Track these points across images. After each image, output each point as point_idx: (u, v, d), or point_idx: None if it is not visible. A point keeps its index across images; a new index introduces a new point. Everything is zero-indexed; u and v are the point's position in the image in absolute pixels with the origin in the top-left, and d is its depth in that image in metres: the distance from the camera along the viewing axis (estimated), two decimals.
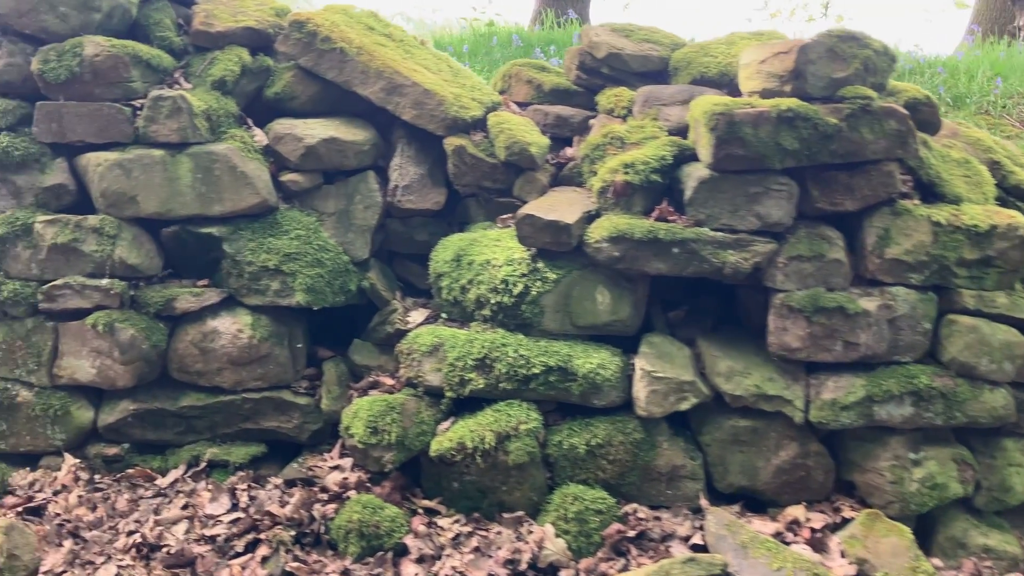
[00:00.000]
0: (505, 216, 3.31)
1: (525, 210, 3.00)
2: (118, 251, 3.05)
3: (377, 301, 3.30)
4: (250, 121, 3.35)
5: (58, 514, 2.86)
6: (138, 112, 3.13)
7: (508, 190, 3.34)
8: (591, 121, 3.49)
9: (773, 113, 2.78)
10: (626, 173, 2.98)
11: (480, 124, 3.39)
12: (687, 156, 3.06)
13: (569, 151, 3.48)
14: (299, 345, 3.24)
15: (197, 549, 2.75)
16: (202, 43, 3.38)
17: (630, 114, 3.39)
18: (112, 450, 3.12)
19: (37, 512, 2.89)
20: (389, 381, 3.14)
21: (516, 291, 3.01)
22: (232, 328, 3.10)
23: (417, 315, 3.29)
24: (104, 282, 3.05)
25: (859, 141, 2.84)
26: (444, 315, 3.21)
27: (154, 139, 3.09)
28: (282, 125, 3.28)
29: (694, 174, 2.92)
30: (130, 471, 3.08)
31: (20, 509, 2.86)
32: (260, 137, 3.27)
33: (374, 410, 2.97)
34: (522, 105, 3.69)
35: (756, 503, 3.04)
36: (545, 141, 3.35)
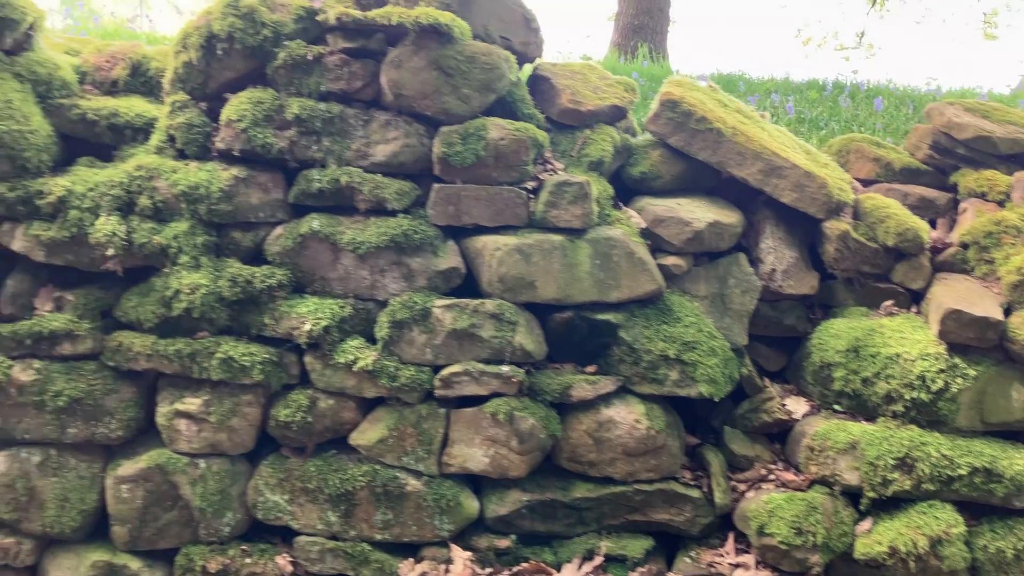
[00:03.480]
0: (887, 303, 3.23)
1: (950, 305, 2.91)
2: (517, 337, 2.97)
3: (750, 389, 3.21)
4: (621, 203, 3.28)
5: None
6: (532, 196, 3.06)
7: (885, 275, 3.26)
8: (961, 204, 3.41)
9: None
10: None
11: (845, 206, 3.32)
12: None
13: (934, 234, 3.40)
14: (682, 434, 3.15)
15: None
16: (568, 121, 3.31)
17: (1007, 199, 3.31)
18: (504, 542, 3.03)
19: None
20: (790, 477, 3.05)
21: (935, 387, 2.92)
22: (629, 418, 3.01)
23: (794, 404, 3.20)
24: (505, 369, 2.97)
25: None
26: (836, 407, 3.13)
27: (553, 224, 3.02)
28: (659, 207, 3.21)
29: None
30: (525, 565, 2.99)
31: None
32: (637, 219, 3.20)
33: (795, 509, 2.88)
34: (863, 182, 3.62)
35: None
36: (926, 226, 3.27)
